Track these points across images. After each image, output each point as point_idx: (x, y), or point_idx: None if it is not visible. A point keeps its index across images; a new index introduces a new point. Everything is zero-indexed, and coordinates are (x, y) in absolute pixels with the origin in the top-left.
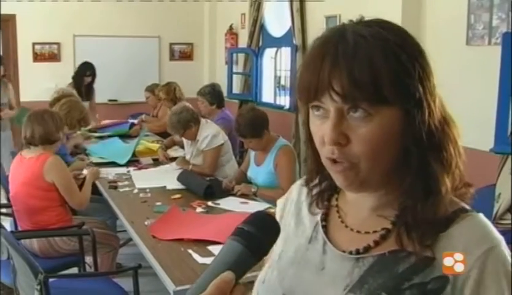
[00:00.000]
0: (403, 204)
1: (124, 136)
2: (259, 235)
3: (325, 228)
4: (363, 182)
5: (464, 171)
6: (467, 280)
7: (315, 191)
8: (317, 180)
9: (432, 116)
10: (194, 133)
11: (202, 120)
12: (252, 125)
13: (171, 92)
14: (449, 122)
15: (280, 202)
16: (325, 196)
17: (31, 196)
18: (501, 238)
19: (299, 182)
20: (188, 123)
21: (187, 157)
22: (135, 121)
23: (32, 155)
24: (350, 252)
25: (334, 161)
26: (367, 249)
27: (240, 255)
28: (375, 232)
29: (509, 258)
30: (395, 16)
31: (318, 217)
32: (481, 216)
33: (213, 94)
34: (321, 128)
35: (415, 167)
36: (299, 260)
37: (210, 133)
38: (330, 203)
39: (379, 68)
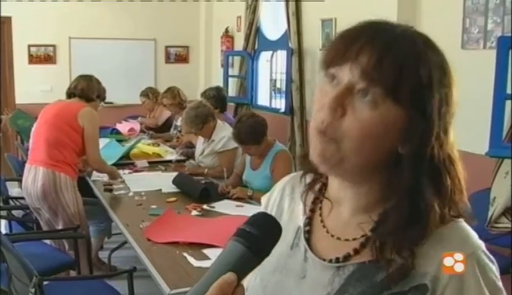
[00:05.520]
0: (384, 217)
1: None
2: (260, 235)
3: (308, 233)
4: (338, 163)
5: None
6: (447, 288)
7: (309, 178)
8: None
9: (437, 143)
10: (211, 130)
11: (219, 121)
12: (252, 132)
13: (176, 96)
14: (454, 161)
15: (264, 199)
16: (316, 187)
17: (57, 128)
18: (480, 243)
19: (279, 184)
20: (207, 118)
21: (196, 155)
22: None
23: (71, 101)
24: (331, 261)
25: (319, 131)
26: (347, 257)
27: (242, 257)
28: (354, 239)
29: (488, 263)
30: (389, 20)
31: (300, 223)
32: (461, 222)
33: (217, 98)
34: (325, 95)
35: (405, 185)
36: (281, 268)
37: (227, 134)
38: (315, 204)
39: (408, 70)
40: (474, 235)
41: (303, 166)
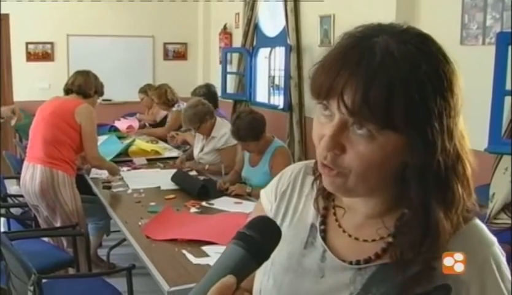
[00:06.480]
0: (401, 224)
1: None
2: (260, 239)
3: (324, 232)
4: (349, 191)
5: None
6: (470, 289)
7: (320, 183)
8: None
9: (443, 154)
10: (209, 128)
11: (218, 118)
12: (251, 129)
13: (162, 96)
14: (463, 160)
15: (271, 185)
16: (325, 193)
17: (55, 126)
18: (494, 239)
19: (288, 172)
20: (204, 117)
21: (195, 153)
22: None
23: (68, 98)
24: (351, 263)
25: (324, 166)
26: (367, 261)
27: (241, 260)
28: (373, 240)
29: (501, 257)
30: (389, 16)
31: (313, 220)
32: (477, 222)
33: (208, 96)
34: (322, 127)
35: (415, 201)
36: (295, 268)
37: (228, 131)
38: (329, 202)
39: (398, 96)
40: (487, 231)
41: (315, 171)
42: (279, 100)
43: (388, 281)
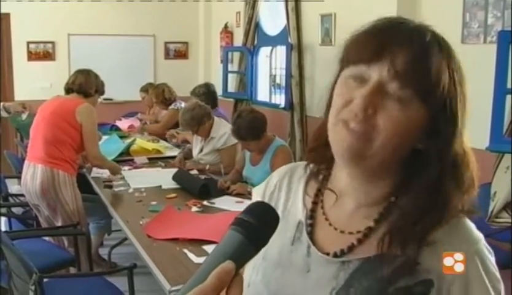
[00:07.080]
0: (389, 210)
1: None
2: (258, 224)
3: (311, 227)
4: (365, 158)
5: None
6: (453, 285)
7: (310, 170)
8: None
9: (460, 138)
10: (208, 129)
11: (216, 118)
12: (252, 128)
13: (160, 95)
14: (470, 155)
15: (258, 189)
16: (319, 178)
17: (55, 125)
18: (480, 236)
19: (276, 174)
20: (202, 119)
21: (194, 153)
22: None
23: (69, 97)
24: (335, 254)
25: (350, 125)
26: (351, 248)
27: (239, 246)
28: (359, 232)
29: (488, 255)
30: (389, 15)
31: (300, 217)
32: (466, 219)
33: (208, 95)
34: (351, 91)
35: (427, 180)
36: (283, 263)
37: (227, 131)
38: (322, 185)
39: (438, 75)
40: (474, 228)
41: (308, 157)
42: (280, 99)
43: (371, 275)
